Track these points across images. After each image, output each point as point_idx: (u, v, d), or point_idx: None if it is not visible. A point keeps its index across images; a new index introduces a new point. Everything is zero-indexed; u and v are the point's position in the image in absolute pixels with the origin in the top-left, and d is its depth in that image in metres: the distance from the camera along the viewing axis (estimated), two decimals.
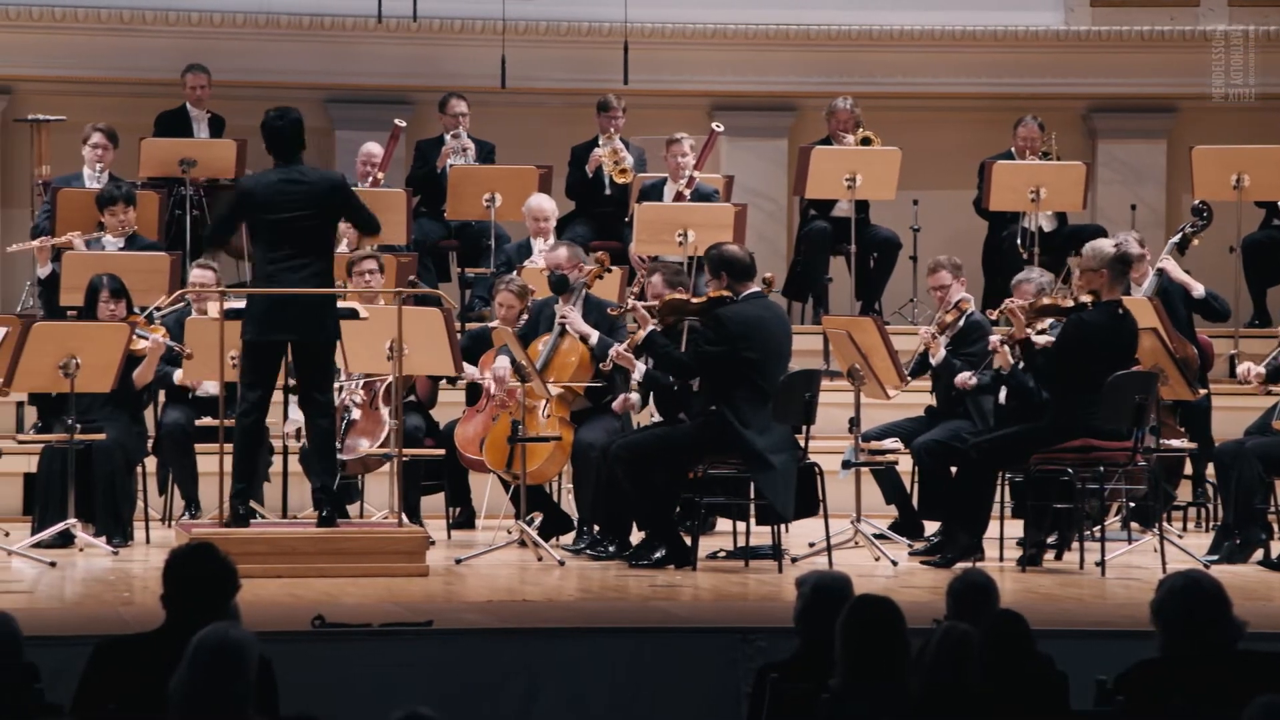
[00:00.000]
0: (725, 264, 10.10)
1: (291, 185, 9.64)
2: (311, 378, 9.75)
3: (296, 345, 9.66)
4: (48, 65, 14.43)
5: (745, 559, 10.31)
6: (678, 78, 15.05)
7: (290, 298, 9.57)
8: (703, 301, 10.17)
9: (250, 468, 9.87)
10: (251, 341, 9.66)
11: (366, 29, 14.60)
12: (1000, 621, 5.79)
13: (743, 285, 10.09)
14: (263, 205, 9.63)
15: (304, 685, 6.60)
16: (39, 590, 9.23)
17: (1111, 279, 9.96)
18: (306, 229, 9.62)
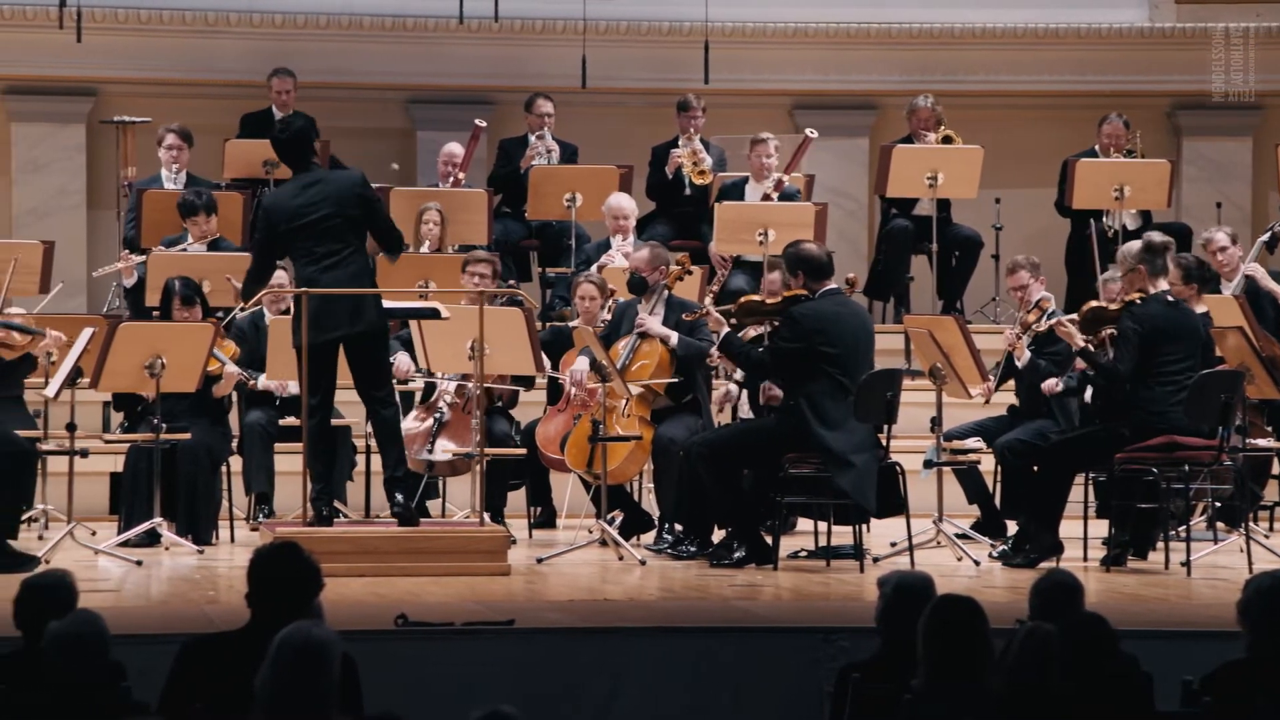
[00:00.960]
0: (802, 263, 10.08)
1: (310, 189, 9.70)
2: (365, 373, 9.77)
3: (346, 342, 9.69)
4: (134, 67, 14.55)
5: (826, 559, 10.29)
6: (758, 77, 15.03)
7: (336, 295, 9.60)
8: (778, 302, 10.14)
9: (324, 469, 9.90)
10: (299, 347, 9.71)
11: (448, 30, 14.65)
12: (1084, 622, 5.75)
13: (819, 284, 10.06)
14: (288, 215, 9.69)
15: (387, 684, 6.64)
16: (125, 589, 9.30)
17: (1150, 272, 9.93)
18: (334, 227, 9.65)
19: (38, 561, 9.44)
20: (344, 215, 9.66)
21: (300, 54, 14.53)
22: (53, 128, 14.61)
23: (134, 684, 5.62)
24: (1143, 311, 9.86)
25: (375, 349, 9.78)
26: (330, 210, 9.63)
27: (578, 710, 7.50)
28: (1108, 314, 10.10)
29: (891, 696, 5.60)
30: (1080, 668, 5.55)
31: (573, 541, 10.59)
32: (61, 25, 13.35)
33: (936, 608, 5.53)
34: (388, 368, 10.02)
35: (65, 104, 14.57)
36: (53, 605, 5.70)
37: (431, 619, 7.72)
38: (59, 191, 14.58)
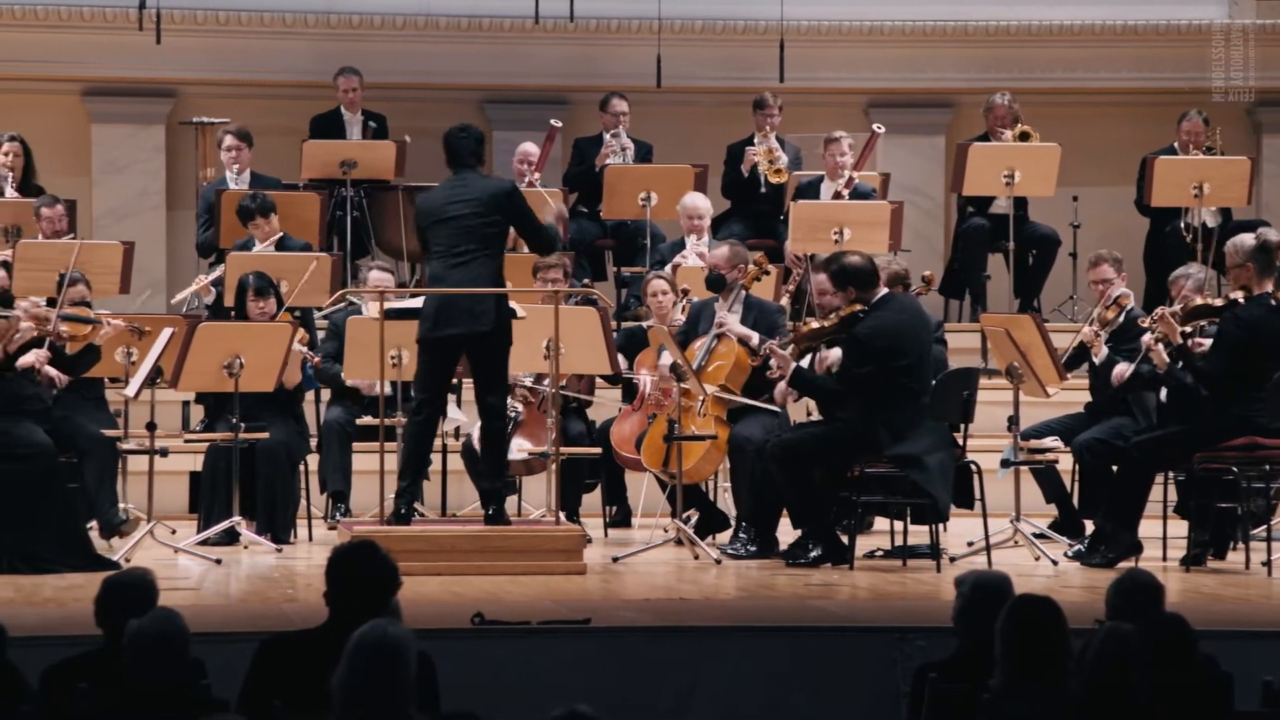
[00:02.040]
0: (849, 277, 9.98)
1: (460, 189, 9.79)
2: (482, 377, 9.82)
3: (468, 342, 9.73)
4: (212, 69, 14.65)
5: (903, 558, 10.26)
6: (833, 75, 15.00)
7: (459, 294, 9.66)
8: (835, 323, 10.05)
9: (419, 466, 9.93)
10: (423, 339, 9.77)
11: (524, 30, 14.69)
12: (1163, 623, 5.72)
13: (871, 292, 9.98)
14: (434, 210, 9.78)
15: (463, 683, 6.65)
16: (205, 587, 9.37)
17: (1258, 271, 9.81)
18: (473, 227, 9.71)
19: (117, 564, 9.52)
20: (485, 218, 9.72)
21: (376, 54, 14.59)
22: (133, 129, 14.72)
23: (213, 682, 5.66)
24: (1246, 315, 9.73)
25: (493, 353, 9.80)
26: (472, 211, 9.71)
27: (654, 709, 7.51)
28: (1209, 311, 9.99)
29: (969, 697, 5.58)
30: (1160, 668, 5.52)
31: (648, 541, 10.60)
32: (141, 27, 13.45)
33: (1014, 607, 5.51)
34: (503, 375, 10.02)
35: (145, 105, 14.68)
36: (133, 604, 5.75)
37: (508, 618, 7.74)
38: (139, 193, 14.69)
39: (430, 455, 10.02)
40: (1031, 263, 13.77)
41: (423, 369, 9.86)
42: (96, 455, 10.40)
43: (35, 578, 9.31)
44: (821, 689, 7.61)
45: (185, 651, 5.49)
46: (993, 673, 5.48)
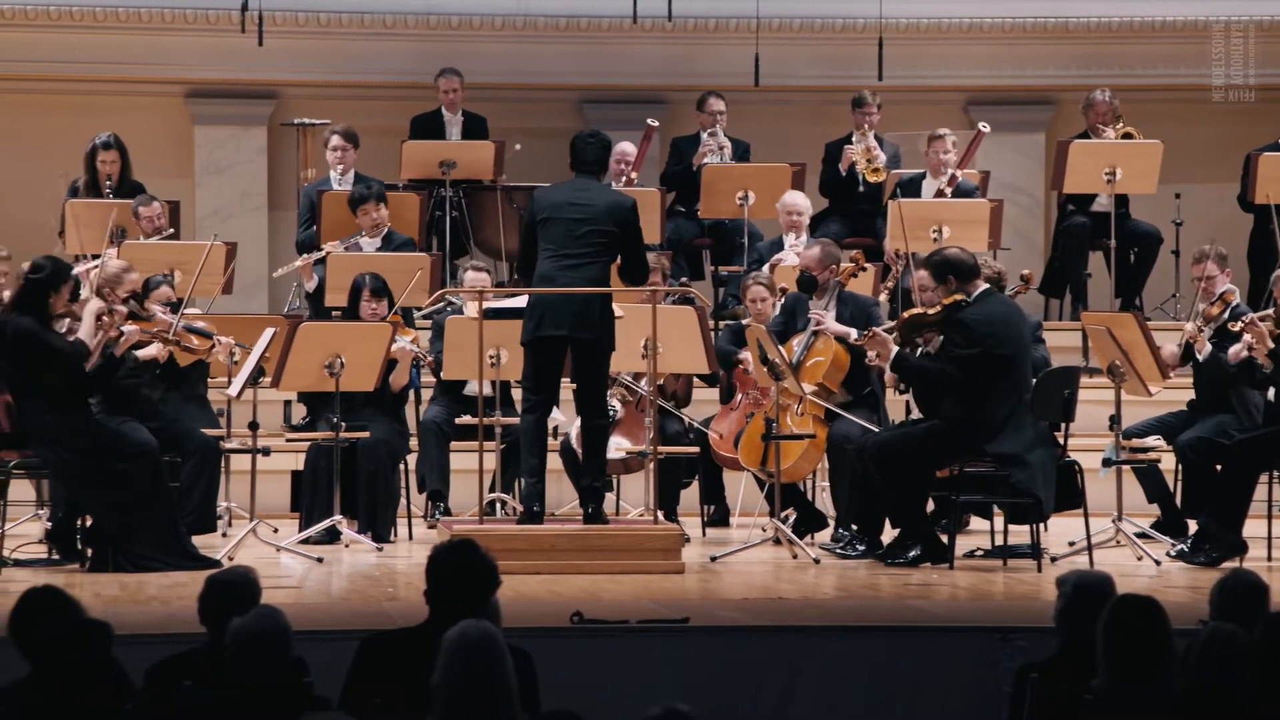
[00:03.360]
0: (951, 268, 9.92)
1: (581, 193, 9.83)
2: (586, 378, 9.85)
3: (573, 344, 9.76)
4: (313, 70, 14.75)
5: (1003, 558, 10.20)
6: (933, 73, 14.94)
7: (568, 295, 9.68)
8: (939, 311, 9.99)
9: (538, 464, 9.94)
10: (528, 340, 9.81)
11: (622, 30, 14.71)
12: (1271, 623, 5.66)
13: (972, 285, 9.92)
14: (551, 208, 9.81)
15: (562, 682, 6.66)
16: (307, 586, 9.43)
17: None
18: (587, 233, 9.73)
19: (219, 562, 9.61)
20: (602, 227, 9.75)
21: (474, 55, 14.65)
22: (235, 130, 14.85)
23: (315, 680, 5.70)
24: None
25: (597, 356, 9.83)
26: (591, 216, 9.74)
27: (753, 709, 7.49)
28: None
29: (1071, 697, 5.55)
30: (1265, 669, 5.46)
31: (746, 540, 10.58)
32: (243, 29, 13.57)
33: (1116, 607, 5.47)
34: (605, 378, 10.06)
35: (247, 107, 14.80)
36: (236, 602, 5.79)
37: (607, 617, 7.75)
38: (241, 194, 14.81)
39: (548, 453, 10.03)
40: (1133, 261, 13.66)
41: (530, 369, 9.88)
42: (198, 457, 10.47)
43: (139, 576, 9.41)
44: (921, 690, 7.57)
45: (287, 649, 5.52)
46: (1095, 673, 5.44)
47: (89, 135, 13.25)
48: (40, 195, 13.83)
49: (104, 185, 13.01)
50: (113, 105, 14.34)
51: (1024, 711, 5.84)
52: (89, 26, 14.52)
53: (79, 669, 5.22)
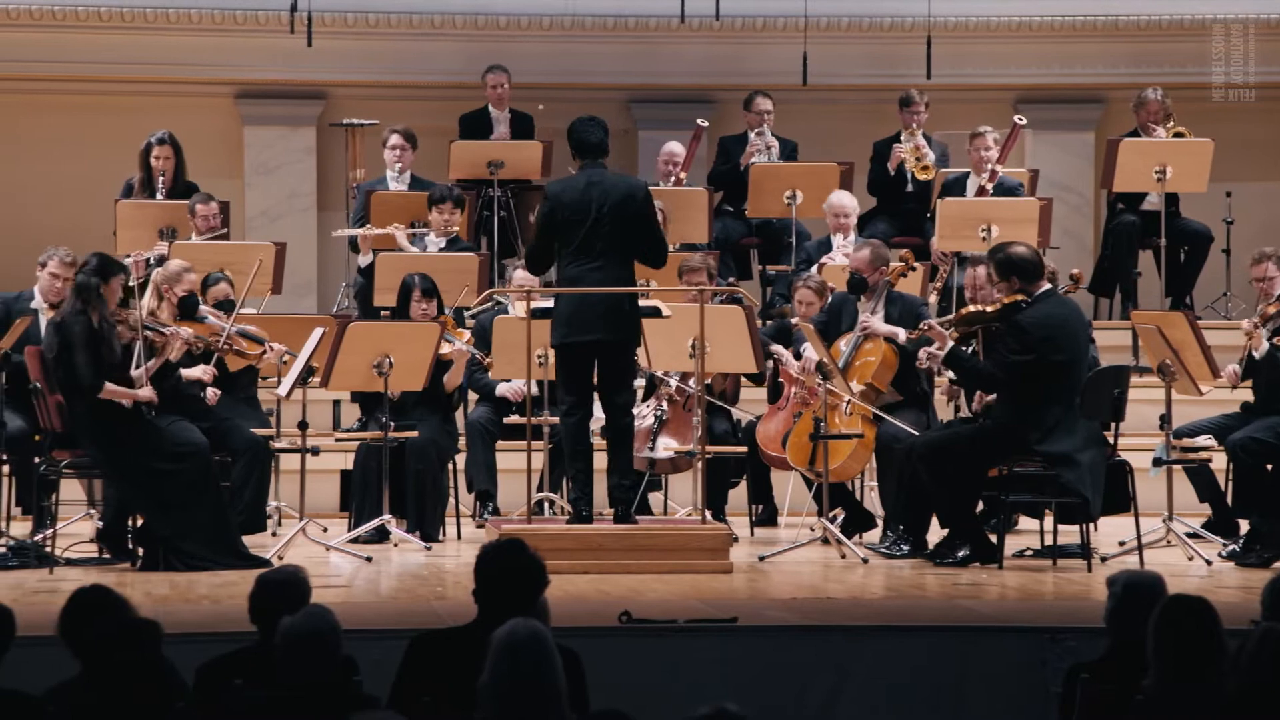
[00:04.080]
0: (1014, 267, 9.84)
1: (594, 187, 9.76)
2: (612, 378, 9.86)
3: (600, 345, 9.77)
4: (361, 70, 14.80)
5: (1052, 558, 10.17)
6: (981, 71, 14.90)
7: (594, 299, 9.69)
8: (999, 309, 9.92)
9: (586, 467, 9.90)
10: (559, 344, 9.81)
11: (669, 29, 14.71)
12: None
13: (1035, 285, 9.85)
14: (568, 208, 9.76)
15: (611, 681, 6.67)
16: (356, 585, 9.45)
17: None
18: (608, 232, 9.72)
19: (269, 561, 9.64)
20: (619, 220, 9.73)
21: (522, 54, 14.67)
22: (284, 131, 14.91)
23: (365, 678, 5.72)
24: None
25: (624, 356, 9.85)
26: (608, 213, 9.71)
27: (801, 708, 7.49)
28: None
29: (1121, 697, 5.53)
30: None
31: (794, 539, 10.57)
32: (292, 30, 13.63)
33: (1167, 608, 5.45)
34: (632, 374, 10.07)
35: (296, 107, 14.86)
36: (286, 601, 5.81)
37: (655, 616, 7.76)
38: (290, 194, 14.87)
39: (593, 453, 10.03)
40: (1183, 259, 13.61)
41: (563, 373, 9.89)
42: (248, 456, 10.50)
43: (190, 575, 9.45)
44: (970, 689, 7.56)
45: (337, 648, 5.53)
46: (1145, 673, 5.42)
47: (141, 136, 13.31)
48: (93, 196, 13.90)
49: (158, 183, 13.08)
50: (164, 106, 14.41)
51: (1074, 712, 5.82)
52: (140, 28, 14.60)
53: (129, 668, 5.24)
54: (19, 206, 14.51)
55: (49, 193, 14.55)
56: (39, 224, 13.78)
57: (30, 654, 5.84)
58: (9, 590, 8.71)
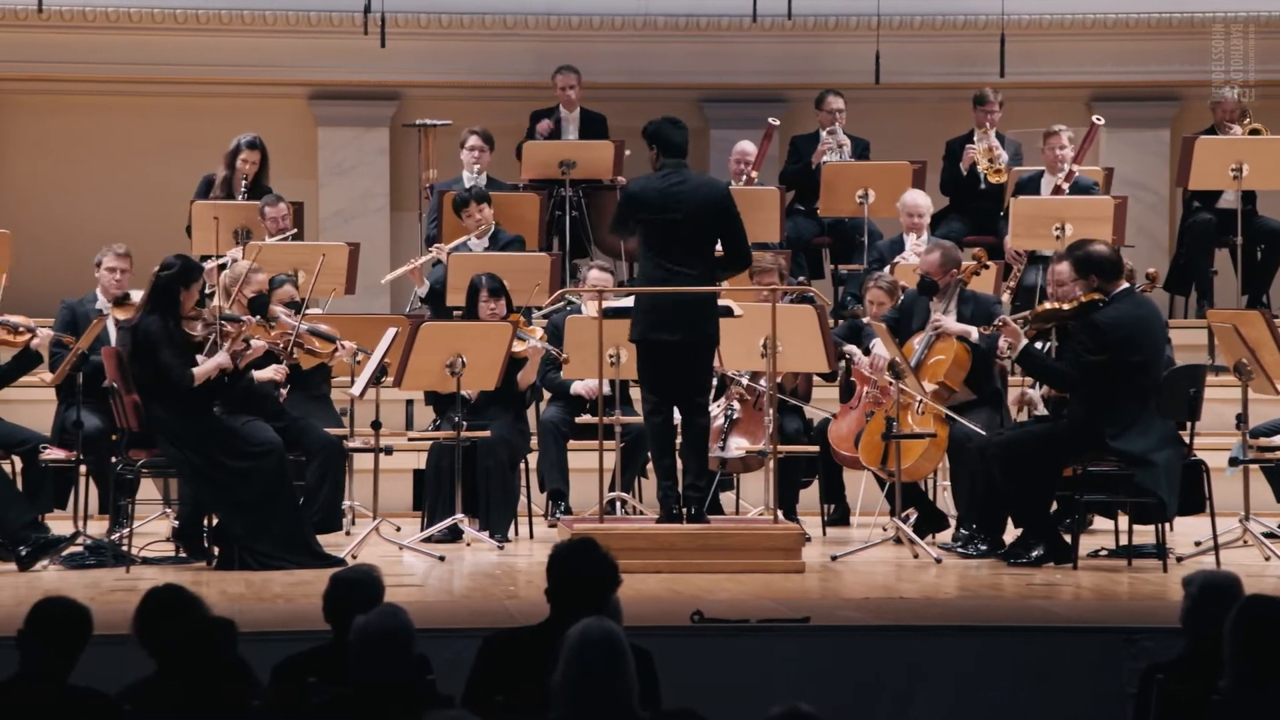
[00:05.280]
0: (1094, 265, 9.75)
1: (676, 188, 9.76)
2: (689, 378, 9.85)
3: (679, 345, 9.76)
4: (434, 71, 14.85)
5: (1128, 558, 10.10)
6: (1056, 69, 14.83)
7: (673, 298, 9.69)
8: (1075, 307, 9.83)
9: (672, 464, 9.93)
10: (639, 340, 9.82)
11: (742, 29, 14.71)
12: None
13: (1113, 284, 9.77)
14: (648, 207, 9.77)
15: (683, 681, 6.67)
16: (429, 584, 9.48)
17: None
18: (688, 234, 9.71)
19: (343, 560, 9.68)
20: (701, 221, 9.72)
21: (595, 55, 14.69)
22: (357, 132, 14.97)
23: (438, 677, 5.73)
24: None
25: (703, 357, 9.84)
26: (689, 214, 9.70)
27: (874, 708, 7.47)
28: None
29: (1198, 698, 5.49)
30: None
31: (867, 539, 10.55)
32: (366, 31, 13.70)
33: (1245, 608, 5.41)
34: (710, 375, 10.07)
35: (369, 108, 14.93)
36: (360, 600, 5.83)
37: (727, 616, 7.75)
38: (364, 194, 14.93)
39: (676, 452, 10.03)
40: (1260, 258, 13.50)
41: (644, 371, 9.89)
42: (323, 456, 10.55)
43: (265, 574, 9.50)
44: (1045, 690, 7.52)
45: (410, 647, 5.54)
46: (1222, 674, 5.38)
47: (216, 137, 13.40)
48: (167, 197, 14.00)
49: (238, 186, 13.16)
50: (238, 108, 14.50)
51: (1149, 713, 5.79)
52: (214, 30, 14.70)
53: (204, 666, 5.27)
54: (92, 207, 14.62)
55: (122, 194, 14.66)
56: (115, 225, 13.86)
57: (106, 652, 5.88)
58: (86, 589, 8.78)
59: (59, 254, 13.84)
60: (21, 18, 14.32)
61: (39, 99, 14.75)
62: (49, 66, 14.59)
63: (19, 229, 12.97)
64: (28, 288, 12.28)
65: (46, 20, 14.18)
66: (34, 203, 14.62)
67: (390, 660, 5.48)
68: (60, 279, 12.85)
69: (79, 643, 5.50)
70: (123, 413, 9.94)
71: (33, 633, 5.45)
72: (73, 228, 14.37)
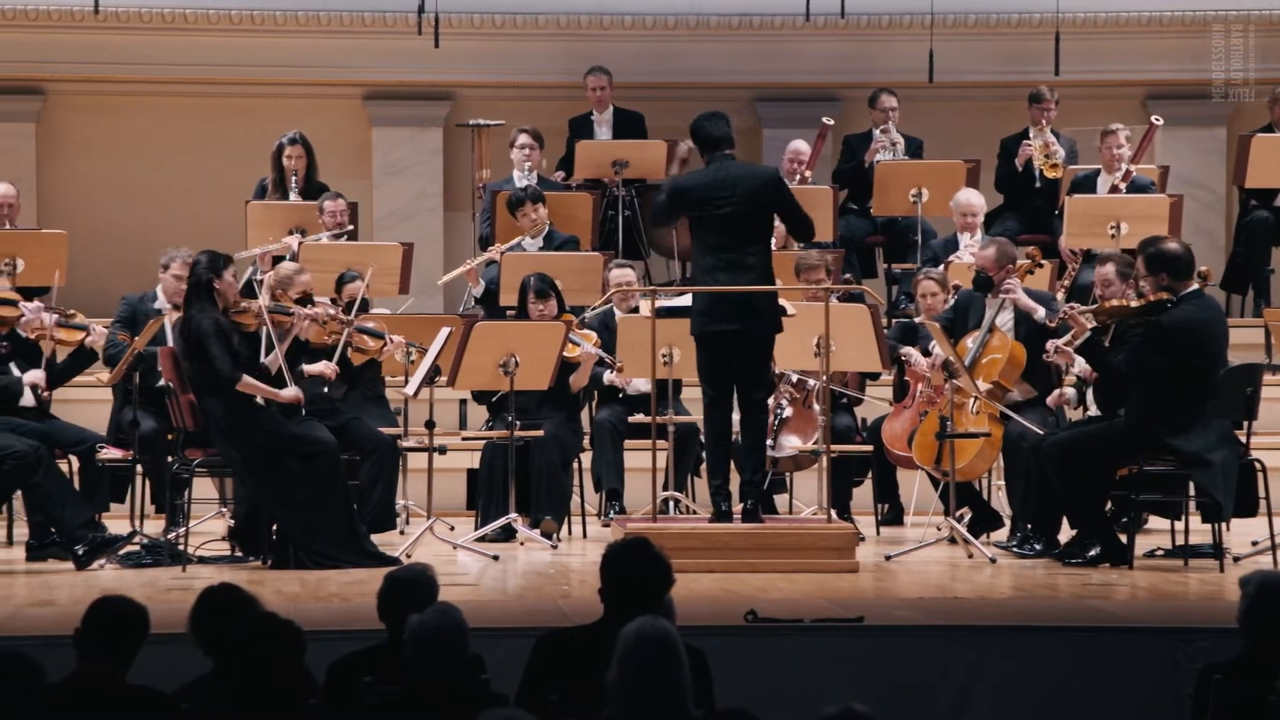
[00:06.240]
0: (1166, 263, 9.64)
1: (724, 179, 9.74)
2: (748, 371, 9.84)
3: (737, 338, 9.75)
4: (488, 71, 14.87)
5: (1184, 558, 10.05)
6: (1111, 67, 14.76)
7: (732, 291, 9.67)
8: (1142, 305, 9.74)
9: (725, 461, 9.92)
10: (698, 334, 9.81)
11: (794, 28, 14.69)
12: None
13: (1182, 284, 9.65)
14: (698, 201, 9.75)
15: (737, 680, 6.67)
16: (483, 583, 9.49)
17: None
18: (741, 223, 9.70)
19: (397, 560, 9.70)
20: (751, 210, 9.70)
21: (647, 55, 14.69)
22: (411, 132, 15.01)
23: (493, 676, 5.74)
24: None
25: (762, 350, 9.83)
26: (738, 205, 9.68)
27: (929, 708, 7.45)
28: None
29: (1255, 698, 5.46)
30: None
31: (921, 539, 10.52)
32: (420, 31, 13.73)
33: None
34: (769, 368, 10.05)
35: (423, 108, 14.96)
36: (414, 599, 5.85)
37: (780, 615, 7.74)
38: (418, 194, 14.97)
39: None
40: None
41: (703, 364, 9.88)
42: (377, 456, 10.57)
43: (320, 573, 9.53)
44: (1101, 690, 7.49)
45: (464, 646, 5.55)
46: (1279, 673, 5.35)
47: (270, 138, 13.46)
48: (223, 197, 14.06)
49: (290, 184, 13.21)
50: (292, 108, 14.55)
51: (1207, 713, 5.76)
52: (269, 31, 14.75)
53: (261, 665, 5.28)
54: (150, 208, 14.69)
55: (179, 194, 14.73)
56: (170, 225, 13.94)
57: (162, 651, 5.91)
58: (142, 588, 8.82)
59: (113, 254, 13.94)
60: (78, 19, 14.40)
61: (95, 100, 14.84)
62: (105, 67, 14.68)
63: (74, 229, 13.04)
64: (81, 287, 12.36)
65: (103, 21, 14.25)
66: (89, 203, 14.70)
67: (444, 659, 5.49)
68: (114, 279, 12.94)
69: (136, 641, 5.53)
70: (179, 412, 9.99)
71: (90, 632, 5.49)
72: (127, 228, 14.45)
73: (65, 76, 14.72)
